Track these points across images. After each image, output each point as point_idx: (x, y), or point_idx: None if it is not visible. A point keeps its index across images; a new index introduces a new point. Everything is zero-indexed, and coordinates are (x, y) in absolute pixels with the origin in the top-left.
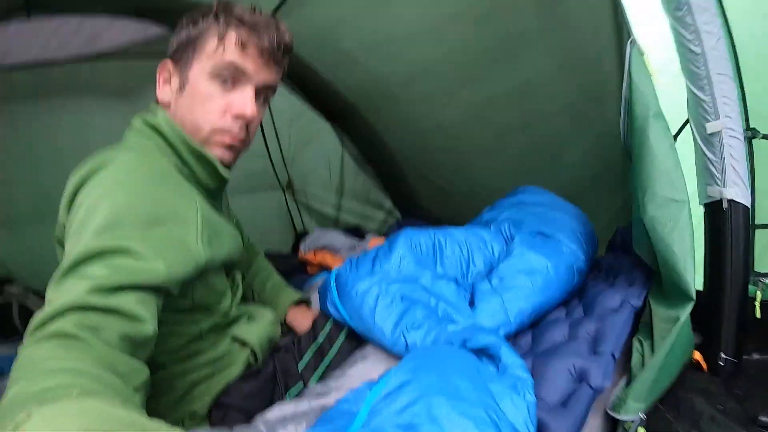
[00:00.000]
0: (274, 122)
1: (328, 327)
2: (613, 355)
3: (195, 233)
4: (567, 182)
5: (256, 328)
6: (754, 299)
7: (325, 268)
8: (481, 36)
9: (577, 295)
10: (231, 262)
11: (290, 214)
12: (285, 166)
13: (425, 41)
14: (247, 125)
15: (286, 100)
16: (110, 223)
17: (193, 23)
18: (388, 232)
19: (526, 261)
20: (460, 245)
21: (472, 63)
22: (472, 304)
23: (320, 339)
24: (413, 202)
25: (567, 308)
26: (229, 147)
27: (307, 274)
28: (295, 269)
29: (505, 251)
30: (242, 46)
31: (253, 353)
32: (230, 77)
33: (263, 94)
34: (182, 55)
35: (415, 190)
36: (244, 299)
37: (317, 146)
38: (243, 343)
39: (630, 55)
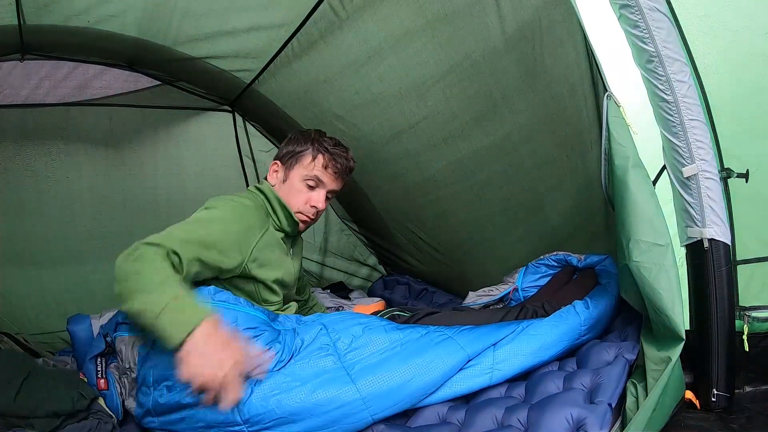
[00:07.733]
0: (259, 180)
1: None
2: (609, 405)
3: (245, 255)
4: (549, 233)
5: None
6: (742, 333)
7: None
8: (464, 94)
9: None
10: (282, 284)
11: None
12: None
13: (409, 100)
14: (317, 212)
15: (272, 157)
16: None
17: (298, 141)
18: (373, 288)
19: None
20: None
21: (454, 120)
22: None
23: None
24: (397, 256)
25: (559, 362)
26: (304, 221)
27: None
28: None
29: None
30: (325, 167)
31: None
32: (314, 183)
33: (330, 194)
34: (287, 161)
35: (399, 245)
36: None
37: None
38: None
39: (607, 109)
